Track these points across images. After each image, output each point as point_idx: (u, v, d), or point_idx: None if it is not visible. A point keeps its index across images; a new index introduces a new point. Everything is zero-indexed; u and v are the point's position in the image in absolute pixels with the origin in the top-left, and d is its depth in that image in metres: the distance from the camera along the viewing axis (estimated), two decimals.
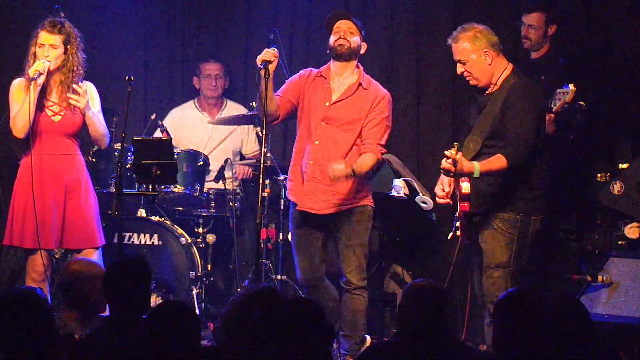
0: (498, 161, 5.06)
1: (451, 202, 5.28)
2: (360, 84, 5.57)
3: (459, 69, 5.25)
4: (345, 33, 5.53)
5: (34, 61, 5.45)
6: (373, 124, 5.53)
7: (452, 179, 5.15)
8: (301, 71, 5.73)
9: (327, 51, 5.63)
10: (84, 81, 5.60)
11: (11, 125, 5.47)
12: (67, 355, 3.89)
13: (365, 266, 5.62)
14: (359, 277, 5.57)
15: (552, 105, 5.98)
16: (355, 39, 5.56)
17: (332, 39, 5.58)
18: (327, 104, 5.52)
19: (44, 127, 5.48)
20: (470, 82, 5.28)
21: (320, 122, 5.54)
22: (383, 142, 5.56)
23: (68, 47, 5.51)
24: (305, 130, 5.59)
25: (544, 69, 6.36)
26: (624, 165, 6.41)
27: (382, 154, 5.60)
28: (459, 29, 5.25)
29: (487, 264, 5.20)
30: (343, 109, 5.54)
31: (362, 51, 5.63)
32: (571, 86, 5.89)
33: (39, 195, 5.38)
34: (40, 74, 5.37)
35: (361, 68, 5.65)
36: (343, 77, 5.59)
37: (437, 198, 5.35)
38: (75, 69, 5.53)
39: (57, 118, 5.51)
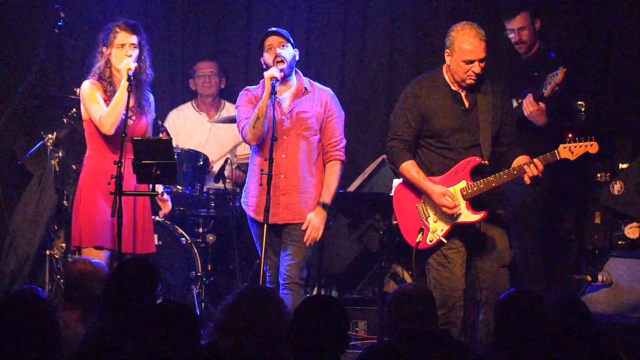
0: None
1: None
2: (305, 89, 5.56)
3: (478, 68, 5.19)
4: (278, 47, 5.46)
5: (110, 63, 5.36)
6: (331, 128, 5.55)
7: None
8: (243, 95, 5.62)
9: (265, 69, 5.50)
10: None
11: (99, 124, 5.34)
12: (68, 355, 3.89)
13: None
14: None
15: (543, 91, 5.97)
16: (289, 51, 5.49)
17: (267, 57, 5.50)
18: (282, 117, 5.47)
19: (119, 129, 5.28)
20: (474, 81, 5.25)
21: (281, 135, 5.47)
22: (344, 143, 5.59)
23: (142, 50, 5.44)
24: (265, 147, 5.44)
25: (536, 65, 6.33)
26: (624, 165, 6.42)
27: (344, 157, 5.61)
28: (476, 26, 5.21)
29: (503, 263, 5.33)
30: (296, 117, 5.51)
31: (297, 57, 5.56)
32: (560, 68, 5.87)
33: (111, 198, 5.14)
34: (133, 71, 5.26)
35: (299, 72, 5.62)
36: (286, 87, 5.54)
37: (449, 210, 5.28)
38: (147, 71, 5.46)
39: (129, 122, 5.32)
